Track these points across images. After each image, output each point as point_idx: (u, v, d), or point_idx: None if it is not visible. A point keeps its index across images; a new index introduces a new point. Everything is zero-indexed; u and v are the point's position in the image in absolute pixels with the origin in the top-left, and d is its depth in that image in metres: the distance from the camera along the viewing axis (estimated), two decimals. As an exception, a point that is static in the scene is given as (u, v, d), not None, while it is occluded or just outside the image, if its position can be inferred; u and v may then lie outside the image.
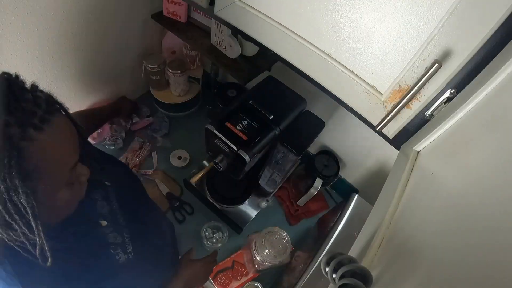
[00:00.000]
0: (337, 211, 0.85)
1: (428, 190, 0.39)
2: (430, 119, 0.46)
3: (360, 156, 1.03)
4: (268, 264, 0.92)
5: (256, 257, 0.94)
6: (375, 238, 0.41)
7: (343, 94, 0.53)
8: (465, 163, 0.35)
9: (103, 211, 0.56)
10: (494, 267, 0.22)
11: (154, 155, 1.17)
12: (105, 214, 0.56)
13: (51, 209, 0.42)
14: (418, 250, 0.32)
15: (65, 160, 0.41)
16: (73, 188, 0.44)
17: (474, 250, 0.25)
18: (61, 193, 0.42)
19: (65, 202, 0.44)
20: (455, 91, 0.41)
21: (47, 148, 0.38)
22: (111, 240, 0.55)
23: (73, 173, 0.43)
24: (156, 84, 1.21)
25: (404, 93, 0.44)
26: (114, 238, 0.55)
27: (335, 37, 0.47)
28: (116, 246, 0.55)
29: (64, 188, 0.42)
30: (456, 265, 0.26)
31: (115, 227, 0.56)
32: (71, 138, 0.43)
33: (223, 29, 0.85)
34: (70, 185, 0.44)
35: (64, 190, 0.42)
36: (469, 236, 0.27)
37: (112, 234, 0.55)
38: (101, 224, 0.54)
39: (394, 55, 0.43)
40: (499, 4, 0.33)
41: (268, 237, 0.93)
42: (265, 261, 0.92)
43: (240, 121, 0.75)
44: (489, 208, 0.26)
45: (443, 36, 0.37)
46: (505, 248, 0.22)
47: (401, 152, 0.52)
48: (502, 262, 0.21)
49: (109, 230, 0.55)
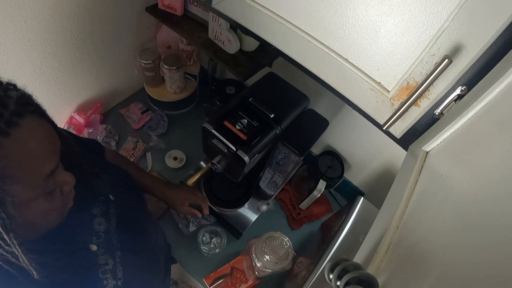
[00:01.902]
0: (342, 215, 0.85)
1: (438, 193, 0.39)
2: (439, 118, 0.46)
3: (366, 157, 1.03)
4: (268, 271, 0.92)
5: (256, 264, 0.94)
6: (381, 243, 0.41)
7: (348, 91, 0.53)
8: (477, 164, 0.35)
9: (99, 228, 0.54)
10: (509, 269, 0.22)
11: (149, 156, 1.17)
12: (100, 232, 0.54)
13: (27, 221, 0.40)
14: (428, 254, 0.33)
15: (39, 168, 0.39)
16: (53, 198, 0.42)
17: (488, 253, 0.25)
18: (36, 204, 0.40)
19: (42, 214, 0.41)
20: (466, 88, 0.41)
21: (15, 155, 0.36)
22: (101, 262, 0.52)
23: (51, 182, 0.41)
24: (151, 81, 1.21)
25: (412, 90, 0.44)
26: (105, 260, 0.53)
27: (340, 31, 0.48)
28: (106, 271, 0.52)
29: (40, 198, 0.40)
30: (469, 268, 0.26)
31: (107, 249, 0.54)
32: (46, 143, 0.40)
33: (221, 22, 0.85)
34: (49, 194, 0.41)
35: (40, 201, 0.40)
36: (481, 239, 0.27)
37: (104, 256, 0.53)
38: (91, 248, 0.52)
39: (401, 50, 0.43)
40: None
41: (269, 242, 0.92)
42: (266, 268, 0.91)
43: (239, 120, 0.75)
44: (502, 210, 0.27)
45: (454, 30, 0.38)
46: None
47: (409, 152, 0.52)
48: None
49: (100, 252, 0.53)
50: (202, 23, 0.97)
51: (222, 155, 0.76)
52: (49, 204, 0.42)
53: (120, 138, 1.20)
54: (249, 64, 0.90)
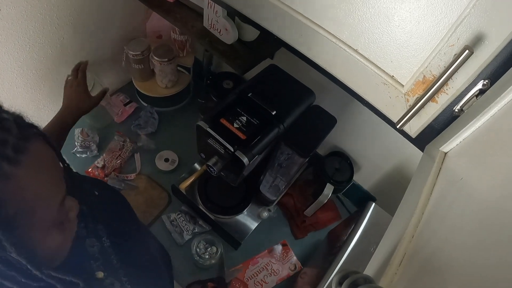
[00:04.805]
0: (351, 223, 0.86)
1: (458, 198, 0.39)
2: (459, 115, 0.46)
3: (378, 159, 1.03)
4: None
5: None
6: (395, 253, 0.41)
7: (357, 85, 0.53)
8: (500, 166, 0.35)
9: (92, 250, 0.52)
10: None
11: (137, 157, 1.17)
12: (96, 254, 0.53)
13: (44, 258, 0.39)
14: (446, 267, 0.32)
15: (53, 196, 0.38)
16: (65, 228, 0.41)
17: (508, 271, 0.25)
18: (51, 238, 0.39)
19: (57, 247, 0.40)
20: (488, 82, 0.41)
21: (29, 186, 0.34)
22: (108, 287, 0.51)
23: (62, 210, 0.40)
24: (140, 74, 1.21)
25: (429, 84, 0.44)
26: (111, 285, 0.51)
27: (349, 19, 0.48)
28: None
29: (54, 229, 0.39)
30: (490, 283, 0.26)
31: (110, 272, 0.53)
32: (53, 166, 0.39)
33: (218, 9, 0.85)
34: (60, 225, 0.40)
35: (54, 233, 0.39)
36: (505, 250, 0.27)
37: (109, 280, 0.51)
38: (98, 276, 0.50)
39: (417, 40, 0.43)
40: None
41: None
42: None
43: (237, 117, 0.75)
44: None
45: (475, 18, 0.38)
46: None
47: (425, 153, 0.52)
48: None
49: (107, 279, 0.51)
50: (196, 10, 0.97)
51: (219, 156, 0.77)
52: (62, 236, 0.41)
53: (102, 137, 1.19)
54: (248, 56, 0.90)
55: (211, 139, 0.74)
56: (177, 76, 1.23)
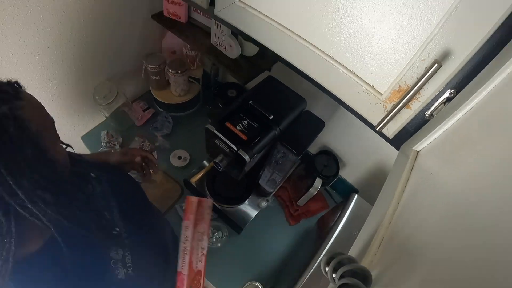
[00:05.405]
0: (337, 211, 0.85)
1: (428, 190, 0.39)
2: (429, 119, 0.46)
3: (360, 156, 1.03)
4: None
5: None
6: (374, 238, 0.41)
7: (343, 94, 0.53)
8: (465, 162, 0.35)
9: None
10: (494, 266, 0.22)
11: (155, 155, 1.17)
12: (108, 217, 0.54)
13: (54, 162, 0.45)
14: (418, 250, 0.32)
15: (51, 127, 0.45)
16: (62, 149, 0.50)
17: (474, 250, 0.25)
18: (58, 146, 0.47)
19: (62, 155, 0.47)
20: (454, 91, 0.41)
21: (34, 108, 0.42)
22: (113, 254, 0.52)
23: None
24: (156, 84, 1.21)
25: (403, 93, 0.44)
26: (116, 252, 0.52)
27: (335, 37, 0.47)
28: (117, 261, 0.52)
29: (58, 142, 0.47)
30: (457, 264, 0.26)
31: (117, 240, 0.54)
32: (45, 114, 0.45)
33: (223, 29, 0.85)
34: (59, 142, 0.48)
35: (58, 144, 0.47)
36: (469, 236, 0.27)
37: (115, 247, 0.53)
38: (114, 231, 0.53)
39: (393, 55, 0.43)
40: (498, 5, 0.33)
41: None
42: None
43: (240, 121, 0.75)
44: (489, 207, 0.26)
45: (443, 37, 0.37)
46: (505, 248, 0.22)
47: (400, 152, 0.52)
48: (502, 262, 0.21)
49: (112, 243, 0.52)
50: (205, 30, 0.97)
51: (224, 154, 0.76)
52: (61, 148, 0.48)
53: (124, 138, 1.19)
54: (249, 68, 0.90)
55: (217, 140, 0.74)
56: (188, 86, 1.23)
